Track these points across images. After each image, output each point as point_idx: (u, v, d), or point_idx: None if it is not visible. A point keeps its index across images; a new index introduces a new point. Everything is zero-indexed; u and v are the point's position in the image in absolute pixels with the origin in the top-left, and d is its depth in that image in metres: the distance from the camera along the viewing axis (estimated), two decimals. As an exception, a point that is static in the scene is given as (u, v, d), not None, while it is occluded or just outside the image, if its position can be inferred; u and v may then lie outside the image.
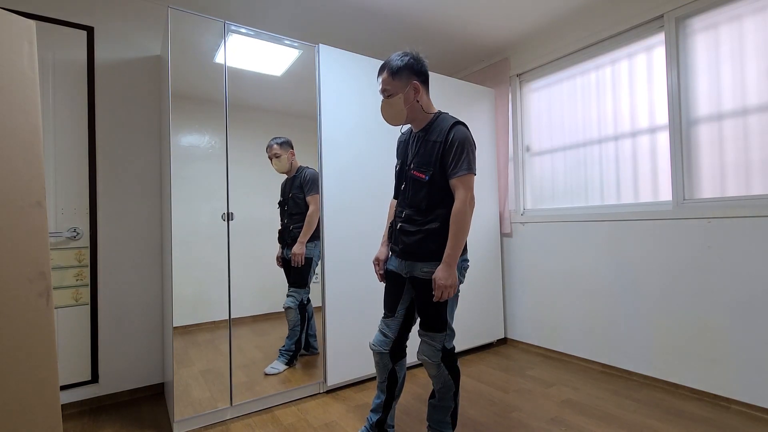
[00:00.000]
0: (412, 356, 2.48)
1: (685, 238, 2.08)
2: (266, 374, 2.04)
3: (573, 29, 2.63)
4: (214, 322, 1.87)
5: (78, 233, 2.07)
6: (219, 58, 1.91)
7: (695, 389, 2.05)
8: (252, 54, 2.00)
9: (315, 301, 2.17)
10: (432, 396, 1.58)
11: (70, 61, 2.08)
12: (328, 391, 2.20)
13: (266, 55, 2.05)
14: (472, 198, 1.47)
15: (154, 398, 2.18)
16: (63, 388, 2.02)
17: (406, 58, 1.50)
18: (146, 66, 2.27)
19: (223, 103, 1.92)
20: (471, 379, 2.33)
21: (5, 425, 1.12)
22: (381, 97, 1.56)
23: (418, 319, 1.56)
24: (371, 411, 1.65)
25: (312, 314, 2.24)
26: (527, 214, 2.95)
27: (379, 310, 2.34)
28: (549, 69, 2.83)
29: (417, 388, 2.22)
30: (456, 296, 1.51)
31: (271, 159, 2.13)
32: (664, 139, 2.23)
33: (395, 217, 1.61)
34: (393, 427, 1.66)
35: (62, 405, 2.02)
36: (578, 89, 2.67)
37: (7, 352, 1.13)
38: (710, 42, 2.07)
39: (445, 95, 2.71)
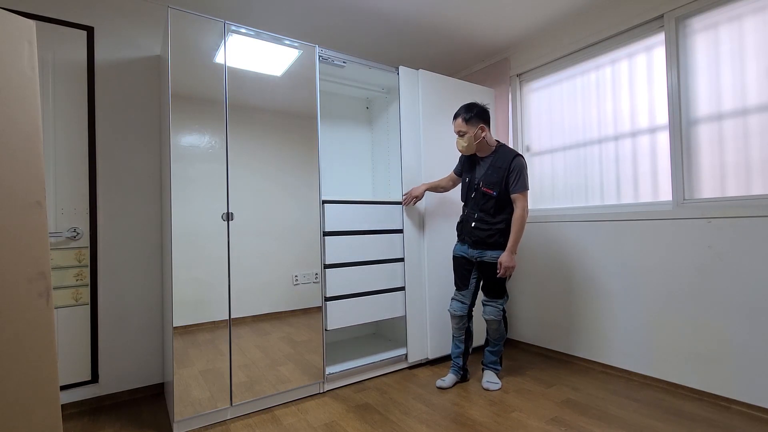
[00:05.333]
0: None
1: (685, 238, 2.08)
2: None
3: (573, 29, 2.63)
4: (214, 322, 1.87)
5: (78, 233, 2.07)
6: (219, 58, 1.91)
7: (695, 389, 2.05)
8: (252, 54, 2.00)
9: (314, 301, 2.17)
10: (486, 344, 2.25)
11: (70, 61, 2.08)
12: (328, 391, 2.20)
13: (266, 55, 2.05)
14: (527, 207, 2.05)
15: (154, 398, 2.18)
16: (63, 388, 2.02)
17: (476, 109, 2.09)
18: (146, 66, 2.27)
19: (223, 103, 1.92)
20: (471, 379, 2.33)
21: (5, 425, 1.12)
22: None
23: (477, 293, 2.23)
24: (454, 359, 2.26)
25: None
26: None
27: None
28: (549, 69, 2.83)
29: (417, 389, 2.22)
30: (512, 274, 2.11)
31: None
32: (664, 139, 2.23)
33: (467, 216, 2.17)
34: (467, 370, 2.30)
35: (62, 405, 2.02)
36: (578, 89, 2.67)
37: (7, 352, 1.13)
38: (710, 42, 2.06)
39: (445, 95, 2.70)
